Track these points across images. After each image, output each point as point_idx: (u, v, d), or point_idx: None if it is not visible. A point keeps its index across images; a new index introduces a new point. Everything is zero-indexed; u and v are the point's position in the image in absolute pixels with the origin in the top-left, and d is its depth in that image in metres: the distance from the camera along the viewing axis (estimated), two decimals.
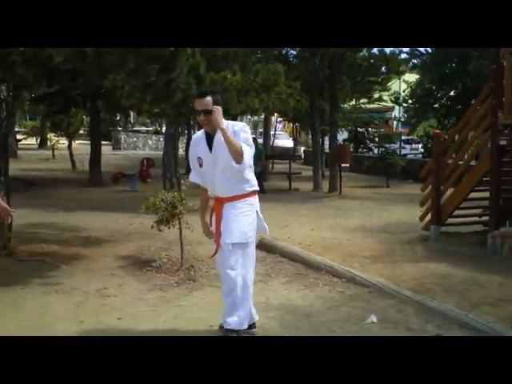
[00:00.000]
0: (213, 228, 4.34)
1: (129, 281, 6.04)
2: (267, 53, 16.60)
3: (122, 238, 8.18)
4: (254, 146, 4.23)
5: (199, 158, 4.28)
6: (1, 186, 6.69)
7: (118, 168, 18.35)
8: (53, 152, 23.97)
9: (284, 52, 17.99)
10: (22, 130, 31.69)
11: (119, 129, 40.85)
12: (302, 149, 32.41)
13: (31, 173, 17.23)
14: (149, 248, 7.36)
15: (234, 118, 20.83)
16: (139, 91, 8.40)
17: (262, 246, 7.08)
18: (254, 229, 4.29)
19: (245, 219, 4.20)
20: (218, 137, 4.11)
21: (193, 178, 4.46)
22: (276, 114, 28.81)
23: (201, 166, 4.28)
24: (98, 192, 14.05)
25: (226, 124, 4.15)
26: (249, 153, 4.09)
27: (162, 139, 32.20)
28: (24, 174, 15.81)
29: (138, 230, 8.54)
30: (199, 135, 4.37)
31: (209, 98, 4.08)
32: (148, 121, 45.34)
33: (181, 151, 15.25)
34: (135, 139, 35.88)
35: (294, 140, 32.86)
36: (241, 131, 4.14)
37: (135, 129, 43.88)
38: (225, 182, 4.17)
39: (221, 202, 4.23)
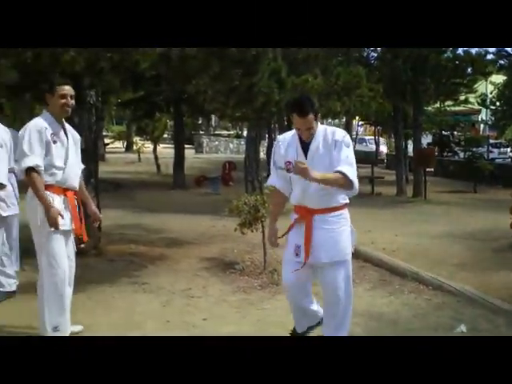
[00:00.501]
0: (294, 240, 3.85)
1: (213, 282, 6.12)
2: (348, 55, 16.48)
3: (206, 240, 8.31)
4: (354, 160, 3.74)
5: (288, 162, 3.77)
6: (91, 188, 6.94)
7: (200, 171, 18.69)
8: (138, 155, 24.69)
9: (365, 54, 17.78)
10: (110, 134, 32.87)
11: (201, 133, 41.63)
12: (385, 152, 31.87)
13: (118, 175, 17.81)
14: (232, 250, 7.43)
15: None
16: (222, 95, 8.55)
17: None
18: (350, 244, 3.90)
19: (342, 236, 3.81)
20: (315, 144, 3.71)
21: (272, 181, 4.04)
22: (357, 118, 28.51)
23: (289, 170, 3.79)
24: (181, 195, 14.37)
25: (324, 130, 3.74)
26: (354, 174, 3.66)
27: (243, 143, 32.58)
28: (111, 177, 16.34)
29: (220, 233, 8.65)
30: (289, 137, 3.88)
31: (311, 116, 3.63)
32: (229, 125, 45.95)
33: (262, 155, 15.32)
34: (217, 143, 36.44)
35: (376, 144, 32.38)
36: (343, 144, 3.68)
37: (217, 132, 44.58)
38: (318, 193, 3.72)
39: (310, 213, 3.79)
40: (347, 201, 3.89)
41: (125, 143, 32.78)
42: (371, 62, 17.59)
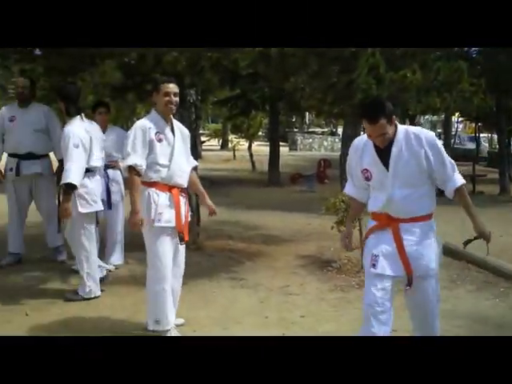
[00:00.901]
0: (372, 249, 3.49)
1: (310, 280, 6.11)
2: (447, 50, 15.92)
3: (302, 237, 8.31)
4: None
5: (365, 170, 3.49)
6: None
7: (295, 169, 18.72)
8: (234, 153, 25.07)
9: (466, 48, 17.11)
10: (206, 132, 33.57)
11: (295, 130, 41.68)
12: (486, 150, 30.60)
13: (214, 172, 18.15)
14: (328, 248, 7.39)
15: (412, 118, 20.34)
16: (320, 92, 8.50)
17: (448, 251, 6.78)
18: (437, 257, 3.53)
19: (429, 249, 3.46)
20: (397, 150, 3.35)
21: (348, 189, 3.79)
22: (457, 114, 27.53)
23: (368, 179, 3.51)
24: (276, 192, 14.45)
25: (404, 132, 3.39)
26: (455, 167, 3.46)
27: (337, 140, 32.36)
28: (208, 174, 16.68)
29: (317, 230, 8.63)
30: (363, 142, 3.53)
31: (383, 122, 3.29)
32: (323, 122, 45.72)
33: None
34: (311, 140, 36.35)
35: (477, 141, 31.15)
36: (439, 148, 3.39)
37: (311, 130, 44.48)
38: (405, 200, 3.38)
39: (395, 222, 3.43)
40: (434, 209, 3.54)
41: (220, 141, 33.37)
42: (472, 56, 16.91)
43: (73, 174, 5.03)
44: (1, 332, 4.50)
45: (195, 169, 4.76)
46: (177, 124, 4.52)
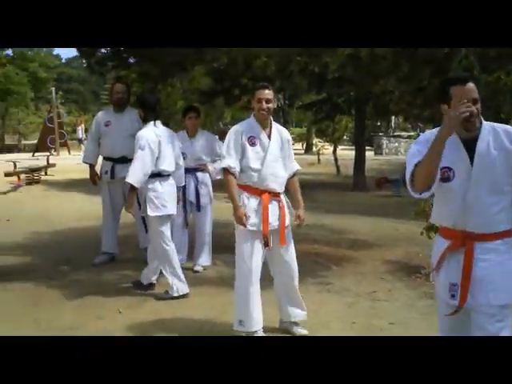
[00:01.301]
0: (448, 277, 2.94)
1: (398, 286, 6.00)
2: None
3: (389, 242, 8.17)
4: None
5: (447, 168, 2.86)
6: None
7: (380, 173, 18.41)
8: (318, 157, 24.96)
9: None
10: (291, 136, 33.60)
11: (380, 134, 41.03)
12: None
13: (299, 176, 18.05)
14: (417, 254, 7.22)
15: (505, 122, 19.58)
16: (409, 96, 8.33)
17: None
18: None
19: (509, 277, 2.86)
20: (483, 145, 2.81)
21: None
22: None
23: (448, 179, 2.87)
24: (361, 196, 14.27)
25: (491, 126, 2.87)
26: None
27: None
28: None
29: (404, 236, 8.45)
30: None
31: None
32: (409, 126, 44.77)
33: None
34: (397, 144, 35.64)
35: None
36: None
37: (396, 134, 43.64)
38: (486, 211, 2.81)
39: (471, 238, 2.84)
40: None
41: (304, 145, 33.35)
42: None
43: (134, 174, 5.31)
44: (92, 328, 4.71)
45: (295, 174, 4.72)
46: (278, 129, 4.54)
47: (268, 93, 4.37)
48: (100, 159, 6.93)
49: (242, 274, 4.41)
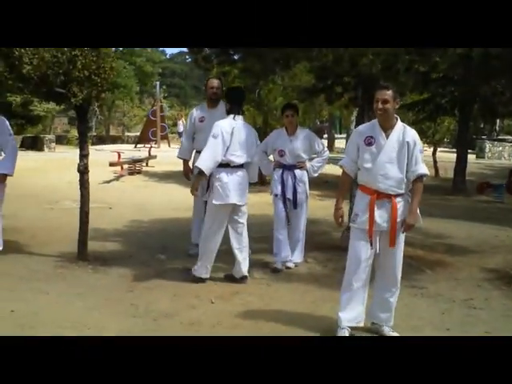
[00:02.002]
0: None
1: (496, 295, 5.77)
2: None
3: (488, 249, 7.87)
4: None
5: None
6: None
7: (481, 177, 17.75)
8: None
9: None
10: None
11: (483, 137, 39.42)
12: None
13: None
14: None
15: None
16: None
17: None
18: None
19: None
20: None
21: None
22: None
23: None
24: (461, 200, 13.80)
25: None
26: None
27: None
28: None
29: (505, 243, 8.13)
30: None
31: None
32: None
33: None
34: (500, 148, 34.11)
35: None
36: None
37: (500, 137, 41.77)
38: None
39: None
40: None
41: None
42: None
43: (203, 160, 5.57)
44: (185, 316, 4.85)
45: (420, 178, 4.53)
46: (403, 130, 4.43)
47: (386, 93, 4.31)
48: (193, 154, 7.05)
49: (349, 270, 4.51)
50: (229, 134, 5.61)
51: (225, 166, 5.65)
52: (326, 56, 5.99)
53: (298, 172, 6.53)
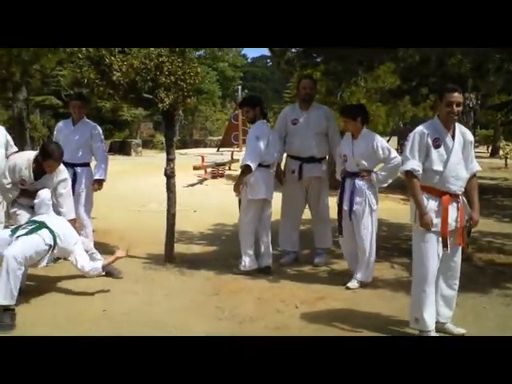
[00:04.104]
0: None
1: None
2: None
3: None
4: None
5: None
6: None
7: None
8: (505, 161, 23.47)
9: None
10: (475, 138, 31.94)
11: None
12: None
13: (483, 181, 17.15)
14: None
15: None
16: None
17: None
18: None
19: None
20: None
21: None
22: None
23: None
24: None
25: None
26: None
27: None
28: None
29: None
30: None
31: None
32: None
33: None
34: None
35: None
36: None
37: None
38: None
39: None
40: None
41: (490, 148, 31.47)
42: None
43: (252, 158, 6.04)
44: (271, 321, 4.85)
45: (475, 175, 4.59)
46: (461, 129, 4.45)
47: (458, 96, 4.28)
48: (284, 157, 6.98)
49: (419, 274, 4.44)
50: (267, 137, 6.18)
51: (259, 165, 6.12)
52: (412, 56, 5.84)
53: (358, 181, 5.84)
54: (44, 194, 5.41)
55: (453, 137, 4.36)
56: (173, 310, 5.09)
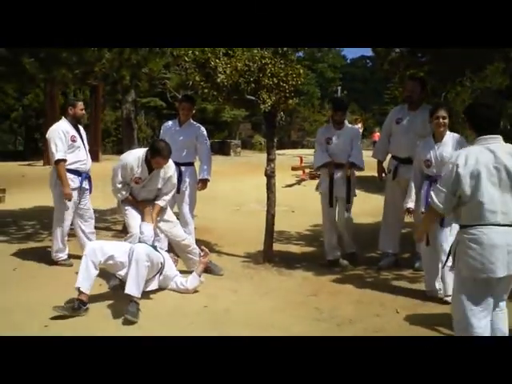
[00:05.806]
0: None
1: None
2: None
3: None
4: None
5: None
6: None
7: None
8: None
9: None
10: None
11: None
12: None
13: None
14: None
15: None
16: None
17: None
18: None
19: None
20: None
21: None
22: None
23: None
24: None
25: None
26: None
27: None
28: None
29: None
30: None
31: None
32: None
33: None
34: None
35: None
36: None
37: None
38: None
39: None
40: None
41: None
42: None
43: (319, 162, 6.82)
44: (370, 324, 4.78)
45: None
46: None
47: None
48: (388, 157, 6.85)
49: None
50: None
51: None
52: None
53: None
54: (147, 231, 5.47)
55: None
56: (271, 310, 5.15)
